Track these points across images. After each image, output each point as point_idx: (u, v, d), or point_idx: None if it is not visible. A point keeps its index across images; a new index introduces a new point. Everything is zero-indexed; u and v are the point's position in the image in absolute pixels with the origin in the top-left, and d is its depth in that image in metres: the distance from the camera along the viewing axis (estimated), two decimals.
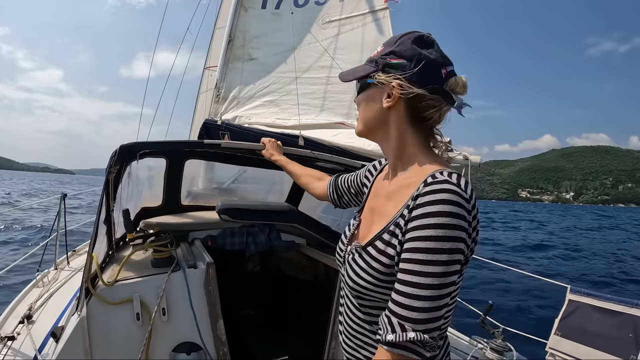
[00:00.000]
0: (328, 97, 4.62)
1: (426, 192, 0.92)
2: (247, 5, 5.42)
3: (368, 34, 4.83)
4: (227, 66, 5.10)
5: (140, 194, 3.62)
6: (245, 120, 4.67)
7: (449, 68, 1.08)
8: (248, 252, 3.42)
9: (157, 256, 2.43)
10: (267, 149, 2.51)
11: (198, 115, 7.74)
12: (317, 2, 5.25)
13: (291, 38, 4.86)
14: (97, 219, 2.24)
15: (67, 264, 4.63)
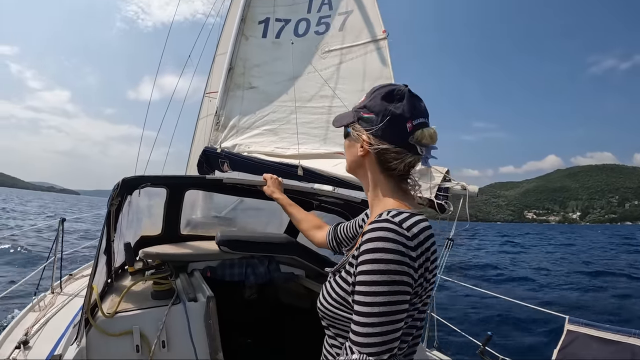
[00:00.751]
0: (327, 127, 4.62)
1: (368, 229, 1.04)
2: (248, 34, 5.49)
3: (367, 63, 4.85)
4: (228, 94, 5.14)
5: (140, 222, 3.63)
6: (245, 149, 4.68)
7: (417, 121, 1.17)
8: (247, 283, 3.41)
9: (157, 288, 2.44)
10: (269, 185, 2.55)
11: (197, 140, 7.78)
12: (316, 31, 5.31)
13: (291, 67, 4.90)
14: (98, 249, 2.26)
15: (63, 288, 4.62)
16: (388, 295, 0.94)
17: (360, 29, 5.11)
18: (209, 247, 3.40)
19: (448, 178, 3.43)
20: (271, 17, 5.59)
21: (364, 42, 4.96)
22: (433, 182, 3.40)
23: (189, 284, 2.73)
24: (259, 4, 5.77)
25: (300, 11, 5.64)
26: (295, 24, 5.49)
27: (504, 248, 33.42)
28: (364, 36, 5.01)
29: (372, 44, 4.91)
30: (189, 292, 2.52)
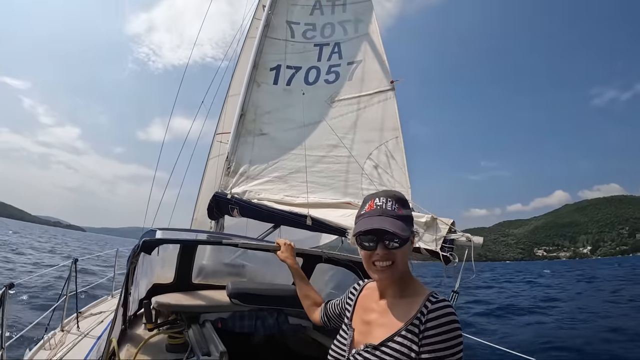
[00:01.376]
0: (336, 176, 4.68)
1: (436, 308, 1.40)
2: (259, 81, 5.63)
3: (376, 113, 4.97)
4: (239, 140, 5.24)
5: (153, 270, 3.68)
6: (255, 196, 4.73)
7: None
8: (257, 335, 3.44)
9: (172, 342, 2.52)
10: (282, 250, 2.63)
11: (206, 179, 7.87)
12: (327, 80, 5.45)
13: (301, 115, 5.00)
14: (118, 304, 2.38)
15: (73, 326, 4.64)
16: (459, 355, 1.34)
17: (369, 79, 5.25)
18: (220, 298, 3.45)
19: (453, 230, 3.45)
20: (282, 64, 5.75)
21: (372, 93, 5.09)
22: (439, 234, 3.42)
23: (201, 335, 2.78)
24: (271, 50, 5.95)
25: (310, 59, 5.81)
26: (306, 72, 5.64)
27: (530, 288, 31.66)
28: (372, 86, 5.14)
29: (380, 94, 5.04)
30: (202, 345, 2.56)
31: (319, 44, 5.96)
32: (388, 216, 1.49)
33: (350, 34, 5.97)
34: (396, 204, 1.53)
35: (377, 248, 1.49)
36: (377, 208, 1.53)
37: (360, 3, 6.38)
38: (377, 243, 1.49)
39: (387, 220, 1.48)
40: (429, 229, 3.46)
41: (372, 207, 1.55)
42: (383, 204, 1.53)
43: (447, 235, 3.38)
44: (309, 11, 6.50)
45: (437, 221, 3.49)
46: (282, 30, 6.13)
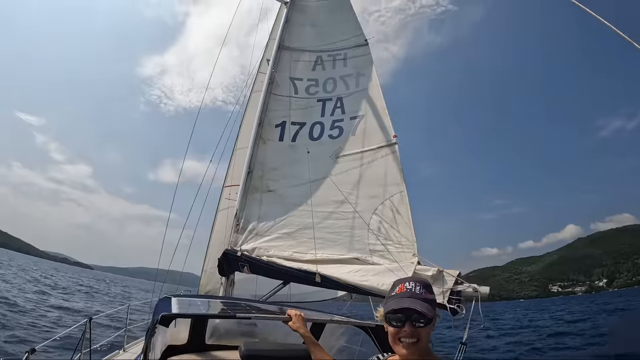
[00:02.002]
0: (343, 232, 4.76)
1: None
2: (265, 138, 5.81)
3: (380, 168, 5.08)
4: (247, 197, 5.35)
5: (167, 331, 3.72)
6: (264, 253, 4.79)
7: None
8: None
9: None
10: (294, 321, 2.73)
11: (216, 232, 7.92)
12: (330, 135, 5.62)
13: (307, 171, 5.12)
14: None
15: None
16: None
17: (372, 133, 5.40)
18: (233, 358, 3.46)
19: (460, 281, 3.49)
20: (287, 120, 5.94)
21: (375, 148, 5.23)
22: (445, 286, 3.46)
23: None
24: (276, 107, 6.16)
25: (314, 114, 6.00)
26: (310, 128, 5.81)
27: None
28: (375, 141, 5.28)
29: (384, 148, 5.18)
30: None
31: (322, 99, 6.16)
32: (417, 298, 1.69)
33: (352, 89, 6.18)
34: (424, 289, 1.74)
35: (405, 326, 1.68)
36: (406, 291, 1.74)
37: (361, 57, 6.64)
38: (404, 322, 1.68)
39: (416, 302, 1.68)
40: (436, 282, 3.50)
41: (403, 290, 1.76)
42: (412, 288, 1.74)
43: (454, 287, 3.42)
44: (311, 67, 6.76)
45: (443, 274, 3.54)
46: (285, 87, 6.35)
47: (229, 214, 7.02)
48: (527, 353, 15.68)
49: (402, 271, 3.82)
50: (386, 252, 4.45)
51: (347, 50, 6.80)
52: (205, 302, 3.62)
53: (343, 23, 7.30)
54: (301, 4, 7.83)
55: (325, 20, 7.51)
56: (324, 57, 6.83)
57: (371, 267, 4.23)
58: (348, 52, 6.78)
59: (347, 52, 6.79)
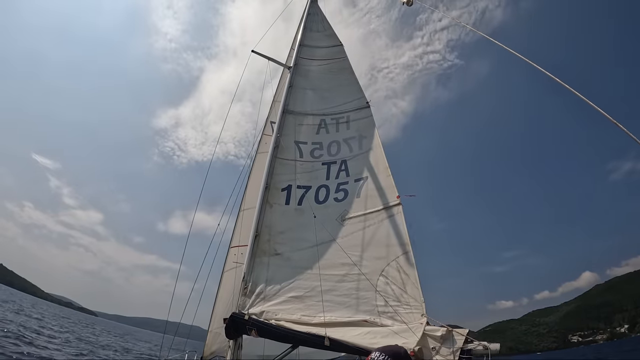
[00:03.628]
0: (351, 294, 4.79)
1: None
2: (272, 202, 5.96)
3: (385, 229, 5.19)
4: (254, 260, 5.42)
5: None
6: (272, 316, 4.81)
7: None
8: None
9: None
10: None
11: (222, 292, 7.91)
12: (336, 198, 5.77)
13: (314, 235, 5.22)
14: None
15: None
16: None
17: (376, 195, 5.55)
18: None
19: (470, 339, 3.49)
20: (293, 184, 6.11)
21: (380, 209, 5.36)
22: (455, 345, 3.46)
23: None
24: (281, 171, 6.35)
25: (319, 177, 6.18)
26: (316, 191, 5.98)
27: None
28: (379, 202, 5.43)
29: (388, 209, 5.31)
30: None
31: (327, 162, 6.37)
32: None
33: (356, 151, 6.40)
34: (389, 359, 1.80)
35: None
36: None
37: (363, 119, 6.92)
38: None
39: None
40: (446, 342, 3.51)
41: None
42: (376, 358, 1.81)
43: (464, 346, 3.43)
44: (315, 130, 7.02)
45: (452, 333, 3.55)
46: (291, 151, 6.58)
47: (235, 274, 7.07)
48: None
49: (410, 332, 3.83)
50: (394, 314, 4.46)
51: (349, 113, 7.10)
52: None
53: (345, 87, 7.67)
54: (304, 68, 8.24)
55: (327, 85, 7.89)
56: (327, 120, 7.12)
57: (380, 329, 4.23)
58: (351, 115, 7.07)
59: (350, 114, 7.08)
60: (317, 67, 8.36)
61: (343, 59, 8.40)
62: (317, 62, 8.44)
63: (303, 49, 8.61)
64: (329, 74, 8.16)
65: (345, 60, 8.32)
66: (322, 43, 8.84)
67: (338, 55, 8.50)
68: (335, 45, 8.75)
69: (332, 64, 8.37)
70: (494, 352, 3.35)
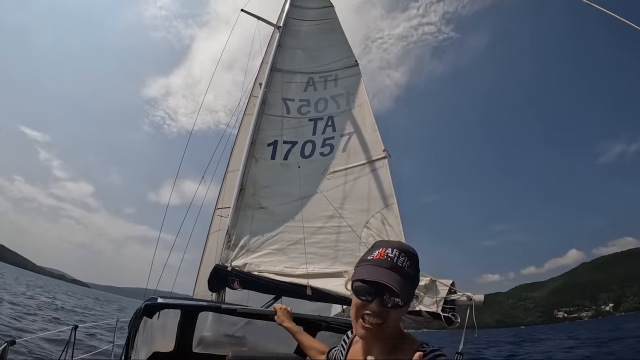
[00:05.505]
0: (334, 246, 4.75)
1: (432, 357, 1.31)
2: (257, 156, 5.87)
3: (369, 182, 5.12)
4: (238, 214, 5.35)
5: (153, 338, 3.66)
6: (255, 268, 4.76)
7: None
8: None
9: None
10: (279, 315, 2.68)
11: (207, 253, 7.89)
12: (322, 153, 5.68)
13: (298, 188, 5.15)
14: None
15: None
16: None
17: (362, 149, 5.47)
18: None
19: (453, 290, 3.46)
20: (279, 139, 6.01)
21: (365, 162, 5.28)
22: (439, 295, 3.43)
23: None
24: (268, 127, 6.24)
25: (306, 133, 6.08)
26: (302, 146, 5.89)
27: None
28: (365, 156, 5.35)
29: (372, 163, 5.23)
30: None
31: (314, 118, 6.26)
32: (396, 272, 1.34)
33: (343, 107, 6.29)
34: (408, 262, 1.38)
35: (373, 303, 1.35)
36: (387, 259, 1.37)
37: (351, 77, 6.80)
38: (374, 297, 1.34)
39: (394, 277, 1.32)
40: (429, 291, 3.47)
41: (382, 257, 1.39)
42: (395, 257, 1.37)
43: (448, 296, 3.39)
44: (302, 88, 6.90)
45: (436, 283, 3.52)
46: (278, 107, 6.46)
47: (219, 237, 7.02)
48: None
49: None
50: None
51: (337, 72, 6.97)
52: (193, 302, 3.56)
53: (334, 46, 7.51)
54: (294, 29, 8.06)
55: (317, 44, 7.73)
56: (315, 78, 6.99)
57: None
58: (339, 73, 6.94)
59: (338, 73, 6.95)
60: (307, 27, 8.19)
61: (333, 19, 8.21)
62: (307, 23, 8.28)
63: (293, 9, 8.43)
64: (319, 34, 7.99)
65: (336, 21, 8.13)
66: (312, 4, 8.64)
67: (329, 16, 8.31)
68: (326, 7, 8.54)
69: (322, 24, 8.18)
70: (477, 303, 3.30)
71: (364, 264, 1.43)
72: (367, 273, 1.36)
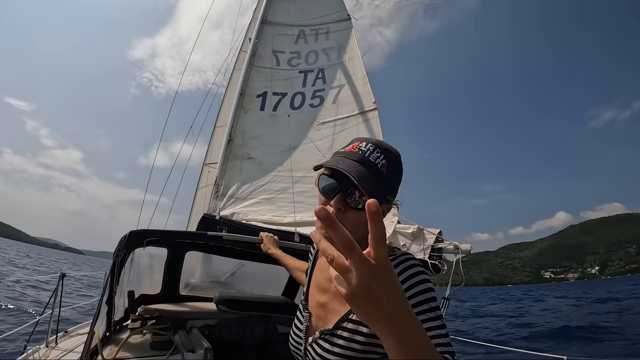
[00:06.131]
0: None
1: (395, 265, 1.15)
2: (246, 107, 5.80)
3: (360, 133, 5.09)
4: (227, 164, 5.34)
5: (140, 281, 3.70)
6: (243, 217, 4.79)
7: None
8: (245, 343, 3.44)
9: (156, 339, 2.50)
10: (265, 243, 2.70)
11: (196, 210, 7.88)
12: (311, 104, 5.62)
13: (288, 139, 5.12)
14: (101, 298, 2.35)
15: (58, 343, 4.57)
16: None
17: (352, 101, 5.42)
18: (208, 307, 3.47)
19: (441, 239, 3.50)
20: (269, 91, 5.93)
21: (355, 114, 5.24)
22: (426, 243, 3.48)
23: (187, 338, 2.77)
24: (257, 78, 6.14)
25: (296, 85, 6.00)
26: (292, 98, 5.82)
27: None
28: (355, 108, 5.31)
29: (363, 114, 5.19)
30: (187, 344, 2.55)
31: (304, 70, 6.16)
32: (365, 167, 1.12)
33: (334, 60, 6.18)
34: (384, 160, 1.16)
35: (334, 199, 1.15)
36: (358, 152, 1.17)
37: (343, 31, 6.65)
38: (337, 192, 1.15)
39: (359, 170, 1.09)
40: (416, 240, 3.52)
41: (354, 150, 1.19)
42: (368, 152, 1.16)
43: (435, 244, 3.44)
44: (293, 40, 6.75)
45: (423, 231, 3.55)
46: (268, 59, 6.33)
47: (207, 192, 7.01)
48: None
49: None
50: None
51: (329, 25, 6.81)
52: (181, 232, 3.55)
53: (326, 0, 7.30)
54: None
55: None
56: (306, 31, 6.83)
57: None
58: (331, 27, 6.78)
59: (330, 26, 6.79)
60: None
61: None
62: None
63: None
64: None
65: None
66: None
67: None
68: None
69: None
70: (464, 252, 3.34)
71: (333, 156, 1.23)
72: (332, 161, 1.16)
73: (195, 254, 4.34)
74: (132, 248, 2.64)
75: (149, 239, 2.70)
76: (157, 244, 3.26)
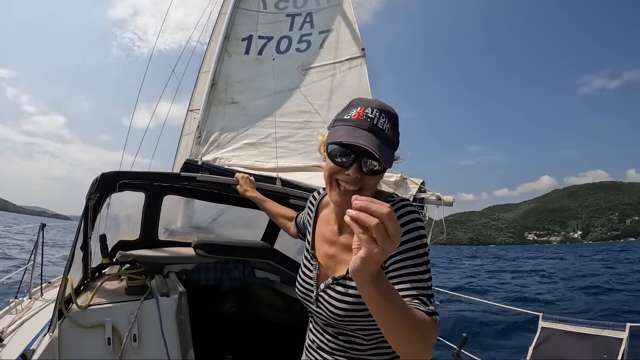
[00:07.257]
0: (305, 141, 4.69)
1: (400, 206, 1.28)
2: (231, 51, 5.60)
3: (346, 80, 4.99)
4: (210, 109, 5.20)
5: (118, 228, 3.67)
6: (225, 162, 4.71)
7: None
8: (222, 287, 3.46)
9: (131, 284, 2.49)
10: (241, 184, 2.66)
11: (180, 157, 7.80)
12: (298, 49, 5.44)
13: (272, 83, 4.98)
14: (74, 243, 2.30)
15: (41, 294, 4.58)
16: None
17: (341, 47, 5.25)
18: (186, 252, 3.47)
19: (423, 189, 3.48)
20: (254, 34, 5.72)
21: (343, 60, 5.10)
22: (409, 192, 3.45)
23: (163, 283, 2.78)
24: (243, 21, 5.90)
25: (282, 29, 5.78)
26: (278, 41, 5.62)
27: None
28: (343, 54, 5.15)
29: (351, 61, 5.06)
30: (163, 289, 2.56)
31: (291, 14, 5.92)
32: (377, 136, 1.21)
33: (323, 4, 5.94)
34: (389, 124, 1.26)
35: (351, 169, 1.25)
36: (366, 120, 1.23)
37: None
38: (352, 162, 1.24)
39: (375, 141, 1.19)
40: (399, 188, 3.49)
41: (361, 117, 1.24)
42: (375, 118, 1.23)
43: (417, 194, 3.42)
44: None
45: (407, 181, 3.52)
46: (254, 2, 6.08)
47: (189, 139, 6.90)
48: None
49: None
50: None
51: None
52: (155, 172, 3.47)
53: None
54: None
55: None
56: None
57: None
58: None
59: None
60: None
61: None
62: None
63: None
64: None
65: None
66: None
67: None
68: None
69: None
70: (447, 203, 3.33)
71: (341, 124, 1.30)
72: (346, 135, 1.21)
73: (176, 199, 4.29)
74: (106, 192, 2.57)
75: (122, 181, 2.63)
76: (133, 188, 3.19)
